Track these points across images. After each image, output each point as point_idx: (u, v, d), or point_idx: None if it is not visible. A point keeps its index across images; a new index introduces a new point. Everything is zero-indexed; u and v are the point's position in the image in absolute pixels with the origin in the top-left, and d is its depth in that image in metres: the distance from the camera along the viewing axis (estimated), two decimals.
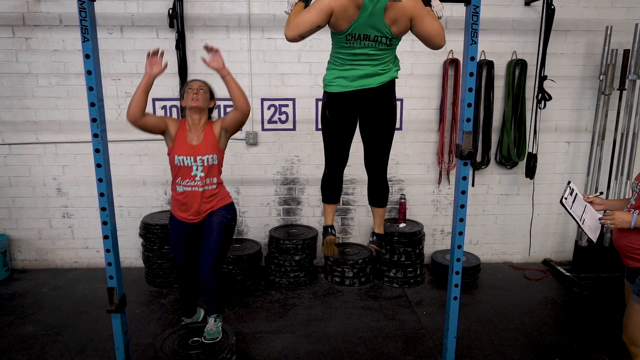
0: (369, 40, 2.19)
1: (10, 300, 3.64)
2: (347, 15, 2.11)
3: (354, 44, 2.20)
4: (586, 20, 4.01)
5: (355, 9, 2.10)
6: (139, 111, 2.49)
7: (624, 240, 2.13)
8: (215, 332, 2.70)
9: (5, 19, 3.76)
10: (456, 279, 2.48)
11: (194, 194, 2.65)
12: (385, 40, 2.20)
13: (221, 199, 2.76)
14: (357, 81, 2.29)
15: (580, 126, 4.22)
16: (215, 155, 2.65)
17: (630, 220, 2.04)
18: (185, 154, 2.60)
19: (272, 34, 3.93)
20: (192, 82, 2.70)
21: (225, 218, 2.73)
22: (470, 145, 2.34)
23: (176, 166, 2.64)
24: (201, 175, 2.63)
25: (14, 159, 4.03)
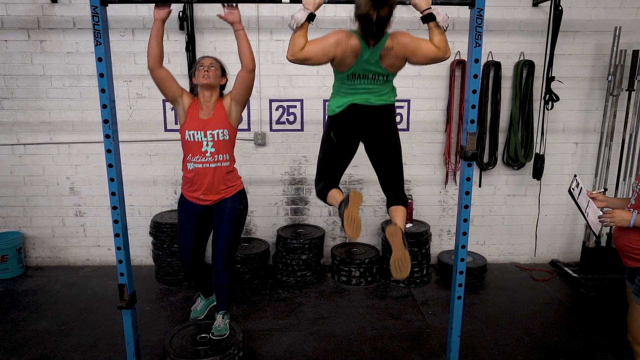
0: (368, 78, 2.32)
1: (25, 296, 3.73)
2: (347, 61, 2.25)
3: (354, 81, 2.33)
4: (595, 20, 4.00)
5: (354, 56, 2.23)
6: (154, 58, 2.48)
7: (623, 239, 2.14)
8: (223, 328, 2.76)
9: (21, 23, 3.86)
10: (460, 278, 2.51)
11: (204, 171, 2.62)
12: (382, 77, 2.32)
13: (233, 183, 2.72)
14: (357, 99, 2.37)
15: (588, 127, 4.21)
16: (226, 130, 2.62)
17: (630, 219, 2.05)
18: (196, 128, 2.59)
19: (280, 36, 3.98)
20: (203, 59, 2.66)
21: (237, 209, 2.73)
22: (475, 147, 2.37)
23: (187, 142, 2.62)
24: (211, 150, 2.60)
25: (28, 159, 4.13)
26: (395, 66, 2.32)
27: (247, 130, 4.13)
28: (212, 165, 2.62)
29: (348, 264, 3.95)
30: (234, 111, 2.66)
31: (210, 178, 2.64)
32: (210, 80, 2.59)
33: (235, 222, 2.73)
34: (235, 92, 2.62)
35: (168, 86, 2.59)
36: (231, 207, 2.72)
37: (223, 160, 2.65)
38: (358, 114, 2.38)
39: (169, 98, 2.64)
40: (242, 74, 2.56)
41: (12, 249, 4.04)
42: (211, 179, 2.64)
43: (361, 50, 2.23)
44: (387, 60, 2.28)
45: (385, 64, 2.29)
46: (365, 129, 2.42)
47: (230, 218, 2.71)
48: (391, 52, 2.25)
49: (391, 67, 2.31)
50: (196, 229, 2.76)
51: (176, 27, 3.89)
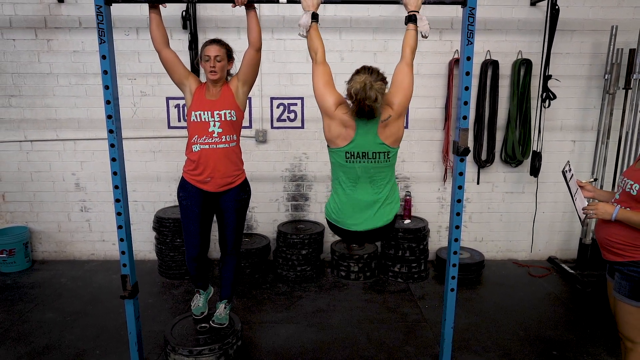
0: (368, 158, 2.22)
1: (31, 289, 3.83)
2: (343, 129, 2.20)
3: (354, 162, 2.23)
4: (592, 20, 4.04)
5: (350, 131, 2.19)
6: (157, 39, 2.55)
7: (604, 232, 2.19)
8: (224, 317, 2.85)
9: (28, 22, 3.96)
10: (453, 271, 2.57)
11: (210, 152, 2.61)
12: (383, 156, 2.22)
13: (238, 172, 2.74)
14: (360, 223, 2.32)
15: (586, 125, 4.25)
16: (233, 111, 2.63)
17: (612, 212, 2.10)
18: (202, 109, 2.60)
19: (281, 35, 4.05)
20: (209, 47, 2.61)
21: (242, 198, 2.79)
22: (466, 142, 2.44)
23: (193, 123, 2.62)
24: (219, 131, 2.59)
25: (35, 155, 4.23)
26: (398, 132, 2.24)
27: (249, 127, 4.21)
28: (219, 146, 2.61)
29: (347, 259, 4.02)
30: (241, 92, 2.68)
31: (217, 159, 2.62)
32: (217, 76, 2.61)
33: (241, 210, 2.81)
34: (242, 73, 2.65)
35: (175, 68, 2.63)
36: (237, 197, 2.77)
37: (230, 141, 2.65)
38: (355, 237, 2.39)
39: (176, 80, 2.67)
40: (250, 52, 2.59)
41: (19, 243, 4.14)
42: (217, 159, 2.62)
43: (356, 125, 2.18)
44: (387, 131, 2.21)
45: (384, 136, 2.20)
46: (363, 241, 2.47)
47: (237, 206, 2.78)
48: (390, 120, 2.20)
49: (392, 135, 2.22)
50: (202, 214, 2.74)
51: (179, 26, 3.98)
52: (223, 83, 2.69)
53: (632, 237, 2.08)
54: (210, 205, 2.79)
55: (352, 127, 2.19)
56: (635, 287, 2.09)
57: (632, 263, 2.09)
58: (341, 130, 2.21)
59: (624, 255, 2.12)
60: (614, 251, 2.15)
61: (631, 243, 2.09)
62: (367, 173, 2.25)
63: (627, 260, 2.11)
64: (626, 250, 2.11)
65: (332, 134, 2.24)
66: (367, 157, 2.21)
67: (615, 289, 2.17)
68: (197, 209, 2.72)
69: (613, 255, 2.16)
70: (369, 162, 2.22)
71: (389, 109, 2.21)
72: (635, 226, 2.06)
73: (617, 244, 2.13)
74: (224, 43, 2.69)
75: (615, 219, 2.09)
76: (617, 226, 2.12)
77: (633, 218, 2.06)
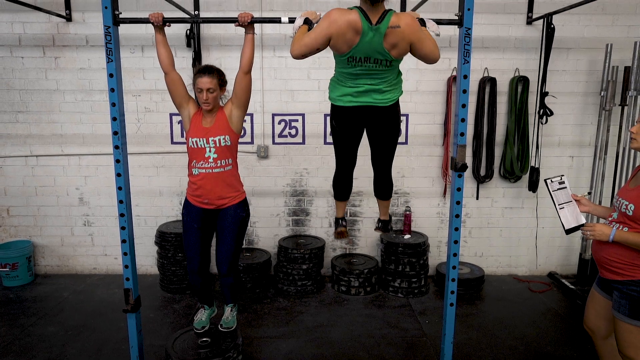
0: (370, 62, 2.30)
1: (34, 302, 3.85)
2: (345, 40, 2.23)
3: (355, 65, 2.33)
4: (587, 38, 4.13)
5: (354, 34, 2.20)
6: (164, 61, 2.65)
7: (602, 252, 2.20)
8: (231, 321, 2.91)
9: (37, 40, 4.06)
10: (452, 286, 2.59)
11: (208, 176, 2.74)
12: (385, 62, 2.30)
13: (237, 191, 2.84)
14: (361, 97, 2.42)
15: (583, 141, 4.30)
16: (227, 136, 2.74)
17: (610, 233, 2.12)
18: (199, 135, 2.72)
19: (283, 53, 4.14)
20: (201, 80, 2.68)
21: (239, 216, 2.84)
22: (464, 158, 2.48)
23: (191, 148, 2.76)
24: (214, 156, 2.72)
25: (40, 170, 4.29)
26: (399, 48, 2.25)
27: (251, 143, 4.27)
28: (215, 171, 2.74)
29: (347, 274, 4.04)
30: (234, 116, 2.77)
31: (214, 182, 2.75)
32: (210, 107, 2.72)
33: (238, 229, 2.85)
34: (235, 97, 2.75)
35: (177, 91, 2.73)
36: (234, 215, 2.83)
37: (226, 165, 2.77)
38: (361, 114, 2.46)
39: (176, 102, 2.77)
40: (240, 75, 2.69)
41: (22, 257, 4.17)
42: (214, 183, 2.75)
43: (362, 29, 2.18)
44: (391, 40, 2.21)
45: (388, 46, 2.23)
46: (367, 122, 2.53)
47: (233, 225, 2.82)
48: (397, 31, 2.19)
49: (394, 48, 2.24)
50: (202, 229, 2.85)
51: (183, 44, 4.07)
52: (217, 109, 2.80)
53: (631, 256, 2.09)
54: (210, 222, 2.88)
55: (356, 29, 2.19)
56: (635, 306, 2.09)
57: (632, 282, 2.10)
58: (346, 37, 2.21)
59: (623, 274, 2.13)
60: (612, 270, 2.16)
61: (630, 262, 2.10)
62: (367, 73, 2.34)
63: (627, 279, 2.13)
64: (625, 269, 2.12)
65: (338, 47, 2.27)
66: (369, 61, 2.28)
67: (615, 308, 2.17)
68: (196, 224, 2.84)
69: (611, 273, 2.18)
70: (372, 66, 2.30)
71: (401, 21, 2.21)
72: (633, 247, 2.08)
73: (615, 262, 2.14)
74: (215, 71, 2.75)
75: (612, 240, 2.11)
76: (614, 245, 2.13)
77: (630, 239, 2.07)
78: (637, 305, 2.09)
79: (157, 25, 2.55)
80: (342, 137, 2.65)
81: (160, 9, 3.65)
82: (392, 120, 2.56)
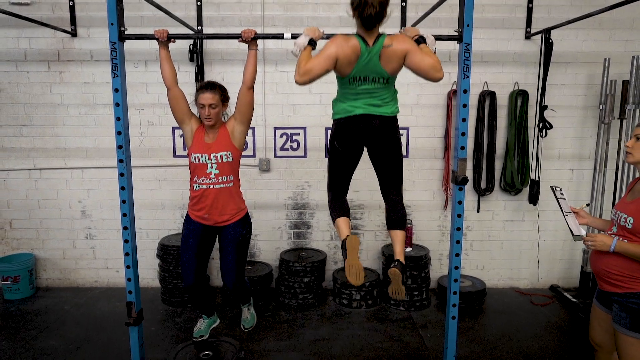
0: (369, 81, 2.43)
1: (35, 316, 3.85)
2: (349, 62, 2.37)
3: (356, 85, 2.45)
4: (585, 52, 4.18)
5: (355, 57, 2.36)
6: (168, 77, 2.68)
7: (601, 263, 2.20)
8: (251, 320, 3.06)
9: (42, 55, 4.12)
10: (454, 298, 2.60)
11: (209, 191, 2.75)
12: (382, 80, 2.43)
13: (238, 209, 2.84)
14: (360, 108, 2.49)
15: (583, 154, 4.33)
16: (229, 152, 2.75)
17: (611, 244, 2.13)
18: (201, 151, 2.74)
19: (285, 67, 4.19)
20: (203, 96, 2.71)
21: (240, 234, 2.85)
22: (465, 172, 2.51)
23: (193, 164, 2.77)
24: (215, 172, 2.73)
25: (43, 183, 4.32)
26: (393, 64, 2.39)
27: (252, 156, 4.30)
28: (216, 187, 2.76)
29: (349, 287, 4.03)
30: (237, 132, 2.79)
31: (214, 198, 2.76)
32: (212, 122, 2.75)
33: (240, 247, 2.87)
34: (239, 113, 2.77)
35: (179, 106, 2.75)
36: (234, 233, 2.85)
37: (227, 182, 2.78)
38: (361, 123, 2.50)
39: (178, 119, 2.79)
40: (243, 89, 2.72)
41: (24, 270, 4.18)
42: (215, 198, 2.77)
43: (360, 51, 2.34)
44: (386, 58, 2.37)
45: (384, 64, 2.38)
46: (368, 136, 2.54)
47: (235, 244, 2.85)
48: (390, 50, 2.35)
49: (390, 65, 2.39)
50: (199, 245, 2.86)
51: (186, 59, 4.13)
52: (220, 124, 2.82)
53: (630, 269, 2.10)
54: (208, 239, 2.90)
55: (356, 53, 2.34)
56: (636, 319, 2.09)
57: (631, 294, 2.10)
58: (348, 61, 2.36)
59: (622, 286, 2.13)
60: (611, 282, 2.17)
61: (629, 274, 2.10)
62: (367, 91, 2.45)
63: (626, 292, 2.13)
64: (624, 282, 2.12)
65: (341, 71, 2.41)
66: (369, 80, 2.42)
67: (615, 321, 2.17)
68: (193, 240, 2.85)
69: (611, 286, 2.18)
70: (370, 84, 2.43)
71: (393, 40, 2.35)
72: (633, 258, 2.09)
73: (614, 274, 2.14)
74: (217, 87, 2.78)
75: (613, 250, 2.12)
76: (614, 257, 2.14)
77: (631, 250, 2.08)
78: (638, 318, 2.09)
79: (162, 41, 2.60)
80: (342, 158, 2.62)
81: (163, 25, 3.73)
82: (392, 133, 2.56)
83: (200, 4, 4.06)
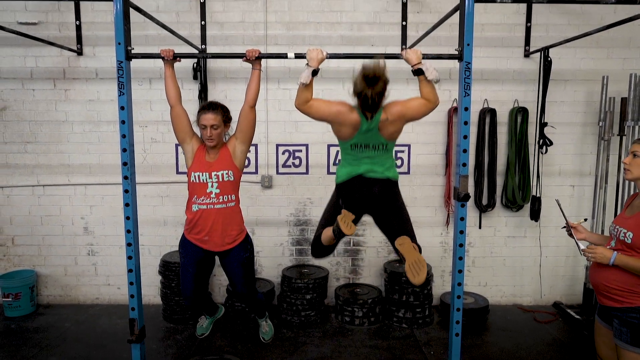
0: (369, 148, 2.57)
1: (36, 333, 3.83)
2: (348, 130, 2.52)
3: (357, 151, 2.59)
4: (584, 70, 4.24)
5: (354, 129, 2.52)
6: (172, 95, 2.71)
7: (600, 277, 2.21)
8: (269, 331, 3.14)
9: (48, 73, 4.18)
10: (457, 315, 2.59)
11: (209, 212, 2.71)
12: (382, 146, 2.58)
13: (238, 232, 2.83)
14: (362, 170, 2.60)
15: (583, 170, 4.35)
16: (230, 171, 2.74)
17: (611, 256, 2.14)
18: (201, 170, 2.72)
19: (287, 85, 4.25)
20: (205, 117, 2.71)
21: (244, 258, 2.87)
22: (467, 188, 2.53)
23: (192, 184, 2.74)
24: (216, 192, 2.70)
25: (46, 199, 4.33)
26: (394, 133, 2.57)
27: (255, 173, 4.33)
28: (217, 207, 2.73)
29: (351, 304, 4.01)
30: (238, 151, 2.79)
31: (215, 219, 2.73)
32: (214, 143, 2.76)
33: (246, 267, 2.90)
34: (240, 132, 2.78)
35: (181, 124, 2.76)
36: (238, 258, 2.86)
37: (228, 201, 2.76)
38: (362, 185, 2.59)
39: (180, 137, 2.79)
40: (245, 108, 2.75)
41: (25, 286, 4.17)
42: (215, 220, 2.73)
43: (360, 123, 2.50)
44: (385, 130, 2.53)
45: (383, 134, 2.54)
46: (369, 200, 2.61)
47: (241, 267, 2.87)
48: (387, 123, 2.51)
49: (389, 135, 2.56)
50: (197, 273, 2.87)
51: (190, 77, 4.18)
52: (221, 144, 2.82)
53: (630, 283, 2.11)
54: (208, 263, 2.91)
55: (355, 126, 2.51)
56: (636, 334, 2.09)
57: (631, 309, 2.11)
58: (349, 131, 2.54)
59: (622, 301, 2.13)
60: (611, 297, 2.17)
61: (628, 289, 2.11)
62: (368, 156, 2.59)
63: (626, 307, 2.13)
64: (624, 297, 2.13)
65: (342, 134, 2.57)
66: (369, 147, 2.57)
67: (616, 336, 2.17)
68: (193, 268, 2.85)
69: (610, 300, 2.18)
70: (371, 151, 2.58)
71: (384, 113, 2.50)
72: (633, 271, 2.10)
73: (614, 289, 2.15)
74: (219, 108, 2.80)
75: (613, 263, 2.13)
76: (613, 271, 2.15)
77: (630, 263, 2.09)
78: (638, 333, 2.09)
79: (168, 60, 2.64)
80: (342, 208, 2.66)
81: (167, 44, 3.78)
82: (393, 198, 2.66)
83: (204, 23, 4.13)
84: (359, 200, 2.61)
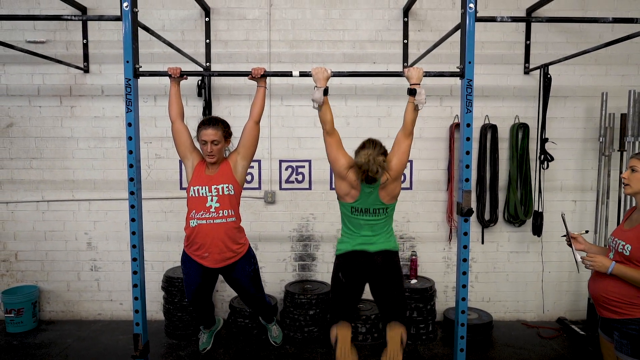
0: (369, 213, 2.64)
1: (37, 349, 3.81)
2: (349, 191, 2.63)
3: (358, 216, 2.65)
4: (583, 87, 4.29)
5: (356, 192, 2.63)
6: (174, 111, 2.75)
7: (600, 288, 2.22)
8: (279, 334, 3.21)
9: (55, 90, 4.24)
10: (462, 330, 2.59)
11: (207, 227, 2.68)
12: (382, 210, 2.66)
13: (240, 246, 2.83)
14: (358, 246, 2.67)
15: (585, 185, 4.37)
16: (231, 185, 2.72)
17: (609, 266, 2.16)
18: (201, 184, 2.70)
19: (290, 102, 4.30)
20: (206, 132, 2.71)
21: (249, 272, 2.88)
22: (470, 203, 2.55)
23: (191, 198, 2.71)
24: (216, 206, 2.66)
25: (50, 215, 4.36)
26: (391, 192, 2.64)
27: (258, 188, 4.35)
28: (216, 221, 2.69)
29: (354, 320, 3.99)
30: (239, 166, 2.79)
31: (214, 234, 2.69)
32: (215, 159, 2.76)
33: (253, 280, 2.92)
34: (242, 147, 2.80)
35: (182, 139, 2.78)
36: (243, 272, 2.87)
37: (228, 216, 2.72)
38: (363, 257, 2.64)
39: (181, 153, 2.81)
40: (250, 124, 2.78)
41: (27, 302, 4.16)
42: (215, 234, 2.70)
43: (361, 188, 2.61)
44: (385, 191, 2.63)
45: (383, 197, 2.63)
46: (370, 269, 2.66)
47: (247, 281, 2.90)
48: (388, 182, 2.61)
49: (388, 194, 2.63)
50: (199, 289, 2.89)
51: (194, 93, 4.24)
52: (222, 160, 2.83)
53: (629, 295, 2.12)
54: (210, 278, 2.91)
55: (358, 188, 2.62)
56: (637, 345, 2.10)
57: (630, 321, 2.12)
58: (349, 190, 2.64)
59: (621, 312, 2.14)
60: (610, 308, 2.18)
61: (628, 301, 2.12)
62: (368, 223, 2.66)
63: (625, 318, 2.14)
64: (623, 308, 2.14)
65: (341, 191, 2.68)
66: (369, 212, 2.65)
67: (617, 349, 2.18)
68: (194, 285, 2.87)
69: (609, 312, 2.19)
70: (371, 216, 2.65)
71: (386, 173, 2.60)
72: (631, 281, 2.11)
73: (613, 301, 2.16)
74: (219, 123, 2.81)
75: (611, 272, 2.15)
76: (612, 282, 2.17)
77: (629, 273, 2.11)
78: (638, 344, 2.09)
79: (175, 78, 2.69)
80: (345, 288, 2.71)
81: (173, 61, 3.87)
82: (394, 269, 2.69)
83: (209, 41, 4.21)
84: (359, 271, 2.66)
